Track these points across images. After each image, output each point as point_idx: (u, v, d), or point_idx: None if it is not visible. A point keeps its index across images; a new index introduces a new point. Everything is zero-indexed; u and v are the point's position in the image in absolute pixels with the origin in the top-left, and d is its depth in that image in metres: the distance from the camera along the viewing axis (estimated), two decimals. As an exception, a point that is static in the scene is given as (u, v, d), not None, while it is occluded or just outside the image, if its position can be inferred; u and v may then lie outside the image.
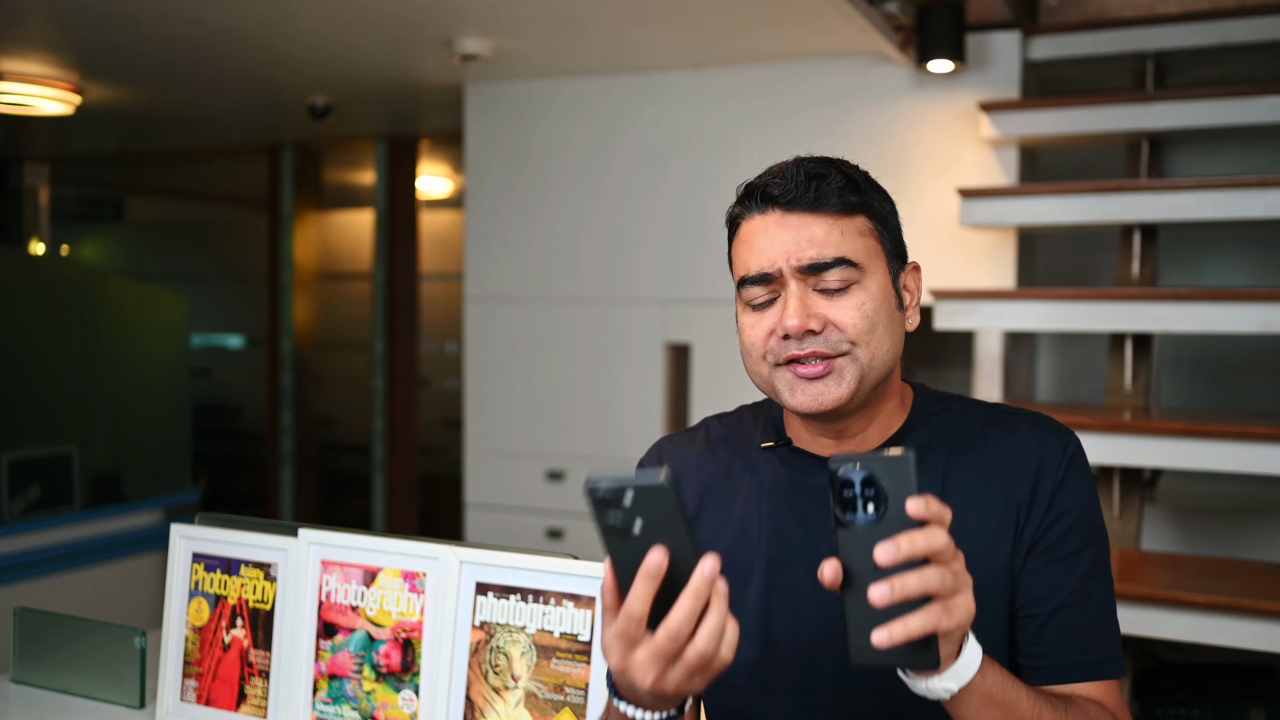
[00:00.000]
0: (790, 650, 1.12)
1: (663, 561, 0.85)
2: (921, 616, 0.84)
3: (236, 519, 1.64)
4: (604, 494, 0.86)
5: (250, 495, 5.95)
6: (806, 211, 1.08)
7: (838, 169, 1.11)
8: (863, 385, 1.08)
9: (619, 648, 0.88)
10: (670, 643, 0.86)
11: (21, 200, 6.20)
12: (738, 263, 1.13)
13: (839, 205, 1.08)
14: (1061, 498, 1.10)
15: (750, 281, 1.10)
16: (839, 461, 0.87)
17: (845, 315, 1.07)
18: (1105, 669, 1.08)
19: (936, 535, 0.85)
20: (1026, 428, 1.14)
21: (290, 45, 3.47)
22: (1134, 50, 3.33)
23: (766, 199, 1.10)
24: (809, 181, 1.08)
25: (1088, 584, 1.09)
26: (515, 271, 4.00)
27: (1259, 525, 3.34)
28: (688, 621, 0.85)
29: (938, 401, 1.19)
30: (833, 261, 1.07)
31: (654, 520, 0.86)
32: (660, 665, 0.87)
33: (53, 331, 3.69)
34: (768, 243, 1.09)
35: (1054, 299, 3.00)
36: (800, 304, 1.07)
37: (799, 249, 1.07)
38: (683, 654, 0.86)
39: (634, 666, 0.88)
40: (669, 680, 0.87)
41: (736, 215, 1.14)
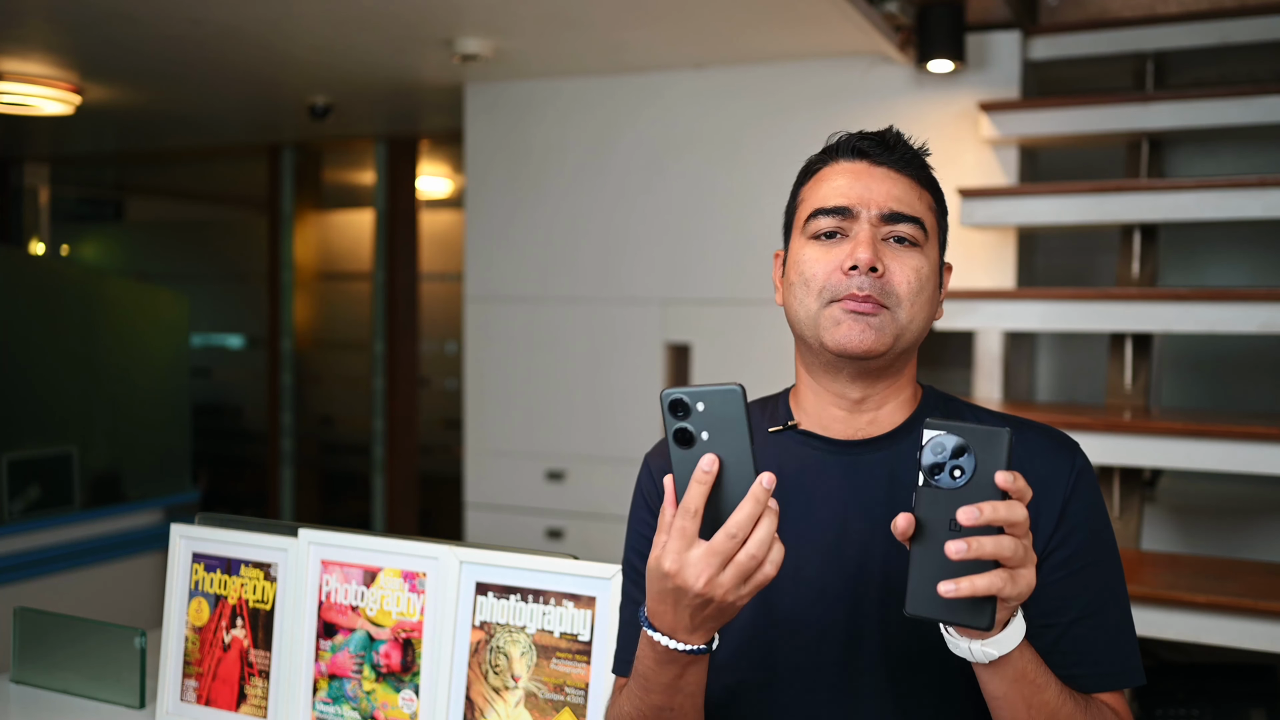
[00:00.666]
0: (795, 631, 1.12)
1: (715, 462, 0.92)
2: (989, 578, 0.89)
3: (236, 519, 1.65)
4: (678, 399, 0.93)
5: (250, 495, 5.95)
6: (892, 168, 1.15)
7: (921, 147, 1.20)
8: (896, 344, 1.12)
9: (675, 546, 0.92)
10: (727, 541, 0.91)
11: (21, 200, 6.20)
12: (811, 197, 1.17)
13: (921, 175, 1.17)
14: (1073, 511, 1.11)
15: (825, 213, 1.14)
16: (936, 425, 0.92)
17: (903, 271, 1.12)
18: (1121, 680, 1.10)
19: (1017, 508, 0.90)
20: (1036, 437, 1.16)
21: (290, 45, 3.47)
22: (1134, 50, 3.33)
23: (858, 151, 1.16)
24: (899, 142, 1.16)
25: (1103, 595, 1.11)
26: (515, 271, 4.00)
27: (1259, 525, 3.34)
28: (746, 523, 0.91)
29: (947, 400, 1.22)
30: (910, 216, 1.13)
31: (720, 427, 0.92)
32: (714, 565, 0.91)
33: (53, 331, 3.69)
34: (852, 184, 1.14)
35: (1054, 299, 3.00)
36: (872, 242, 1.11)
37: (883, 197, 1.13)
38: (735, 556, 0.91)
39: (687, 565, 0.92)
40: (719, 583, 0.91)
41: (818, 162, 1.20)
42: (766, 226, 3.48)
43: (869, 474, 1.14)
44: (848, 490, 1.14)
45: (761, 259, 3.53)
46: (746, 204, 3.62)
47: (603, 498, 3.80)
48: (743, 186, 3.64)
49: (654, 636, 0.98)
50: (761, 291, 3.56)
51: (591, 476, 3.84)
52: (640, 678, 1.03)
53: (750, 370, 3.59)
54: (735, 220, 3.66)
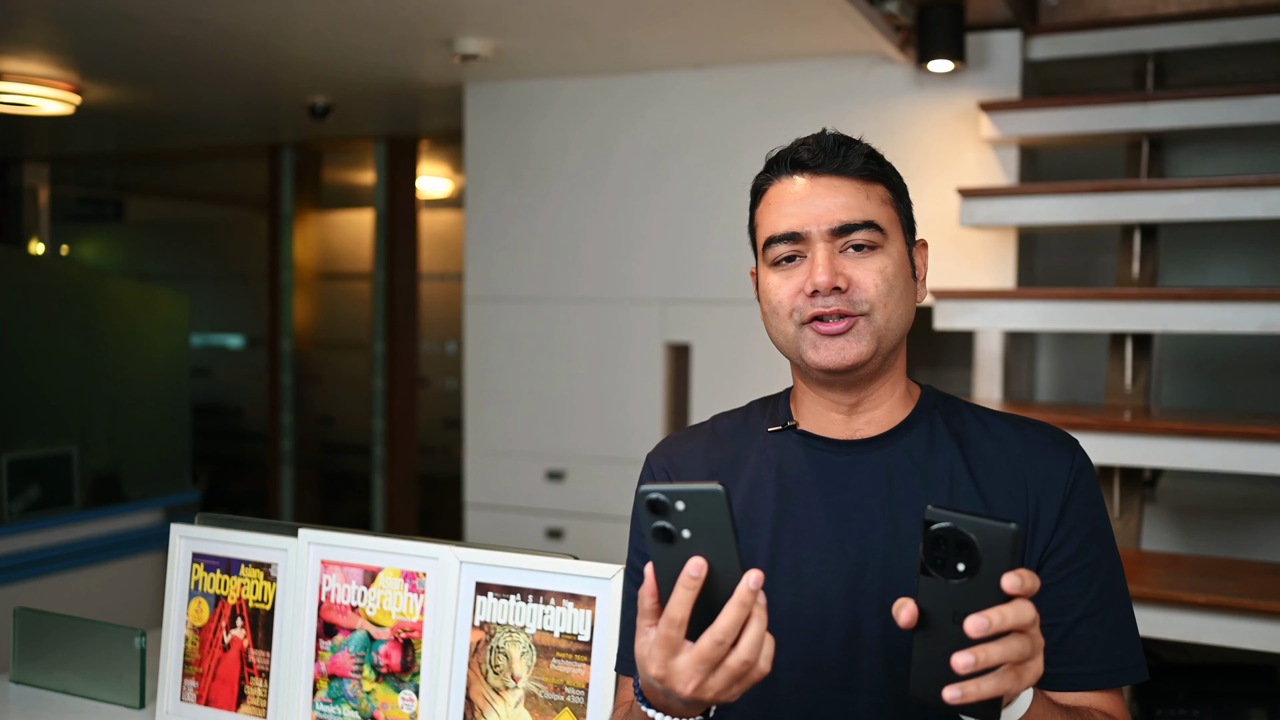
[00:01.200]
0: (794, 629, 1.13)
1: (703, 566, 0.88)
2: (995, 680, 0.86)
3: (236, 519, 1.65)
4: (656, 499, 0.89)
5: (250, 495, 5.96)
6: (834, 175, 1.13)
7: (862, 143, 1.17)
8: (880, 347, 1.12)
9: (660, 654, 0.90)
10: (714, 649, 0.88)
11: (21, 200, 6.20)
12: (764, 224, 1.17)
13: (864, 172, 1.14)
14: (1073, 510, 1.12)
15: (778, 240, 1.14)
16: (938, 514, 0.87)
17: (868, 277, 1.11)
18: (1118, 677, 1.10)
19: (1025, 610, 0.86)
20: (1035, 435, 1.16)
21: (290, 45, 3.47)
22: (1134, 50, 3.33)
23: (796, 164, 1.15)
24: (837, 147, 1.14)
25: (1106, 593, 1.12)
26: (515, 271, 4.00)
27: (1259, 525, 3.34)
28: (732, 628, 0.88)
29: (946, 399, 1.22)
30: (861, 223, 1.12)
31: (703, 527, 0.88)
32: (703, 672, 0.89)
33: (53, 331, 3.69)
34: (796, 205, 1.13)
35: (1054, 299, 3.00)
36: (829, 261, 1.10)
37: (829, 212, 1.12)
38: (725, 661, 0.89)
39: (675, 673, 0.90)
40: (709, 687, 0.89)
41: (763, 182, 1.19)
42: (766, 226, 3.47)
43: (868, 473, 1.15)
44: (847, 489, 1.15)
45: (761, 259, 3.53)
46: (746, 204, 3.61)
47: (603, 498, 3.80)
48: (743, 186, 3.61)
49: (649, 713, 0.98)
50: (761, 291, 3.56)
51: (591, 476, 3.84)
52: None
53: (750, 370, 3.59)
54: (735, 220, 3.64)
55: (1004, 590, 0.85)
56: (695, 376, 3.71)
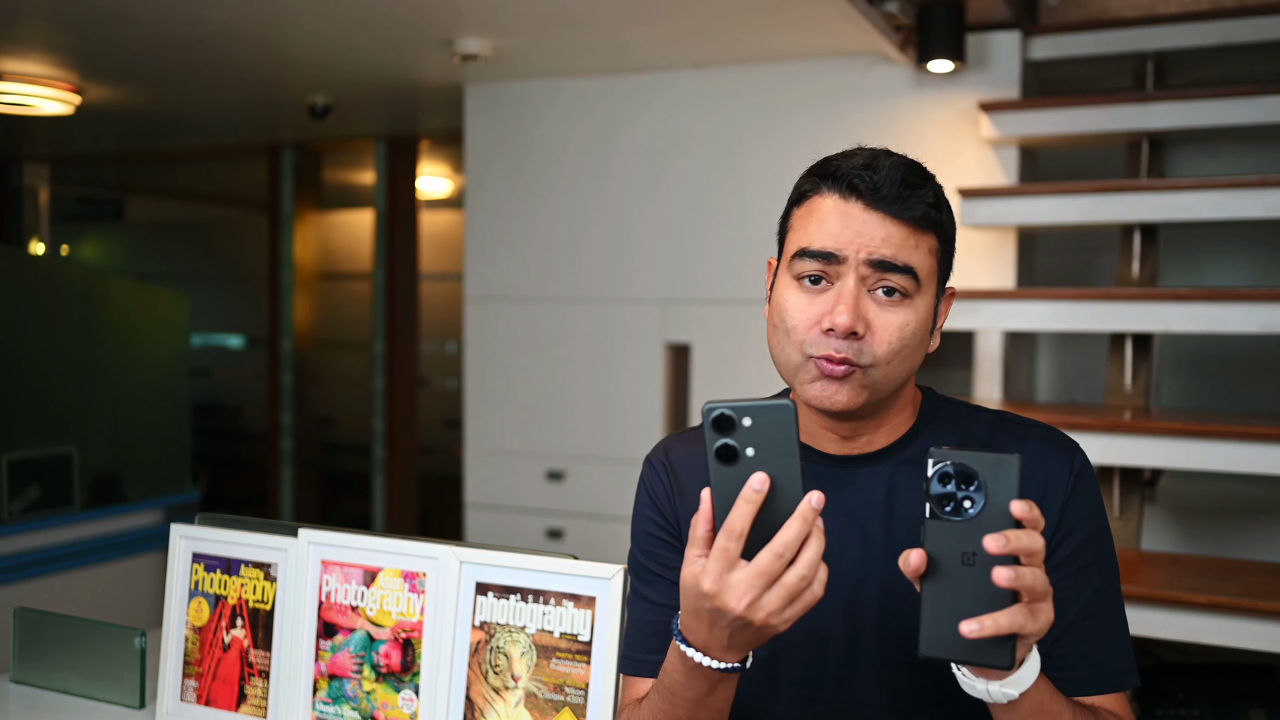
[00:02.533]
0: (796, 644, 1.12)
1: (766, 481, 0.87)
2: (1011, 614, 0.85)
3: (236, 519, 1.65)
4: (723, 414, 0.88)
5: (250, 495, 5.96)
6: (889, 215, 1.06)
7: (931, 183, 1.10)
8: (870, 398, 1.08)
9: (715, 568, 0.88)
10: (774, 561, 0.87)
11: (21, 200, 6.20)
12: (799, 232, 1.09)
13: (922, 219, 1.07)
14: (1072, 513, 1.10)
15: (810, 255, 1.07)
16: (942, 455, 0.88)
17: (885, 331, 1.06)
18: (1117, 681, 1.09)
19: (1036, 538, 0.86)
20: (1034, 438, 1.14)
21: (290, 45, 3.47)
22: (1134, 50, 3.33)
23: (853, 189, 1.06)
24: (904, 186, 1.06)
25: (1100, 597, 1.10)
26: (515, 271, 4.00)
27: (1259, 525, 3.33)
28: (794, 543, 0.87)
29: (946, 406, 1.20)
30: (902, 266, 1.05)
31: (767, 445, 0.88)
32: (759, 588, 0.87)
33: (53, 331, 3.69)
34: (842, 225, 1.06)
35: (1054, 299, 3.00)
36: (855, 302, 1.05)
37: (874, 243, 1.05)
38: (782, 577, 0.87)
39: (729, 587, 0.88)
40: (762, 605, 0.88)
41: (810, 189, 1.11)
42: (766, 226, 3.46)
43: (867, 487, 1.13)
44: (845, 504, 1.13)
45: (761, 259, 3.53)
46: (746, 204, 3.62)
47: (603, 498, 3.80)
48: (743, 186, 3.64)
49: (686, 652, 0.95)
50: (761, 292, 3.56)
51: (591, 476, 3.84)
52: (666, 690, 1.01)
53: (749, 370, 3.59)
54: (735, 220, 3.66)
55: (1014, 516, 0.85)
56: (695, 376, 3.71)
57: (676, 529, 1.20)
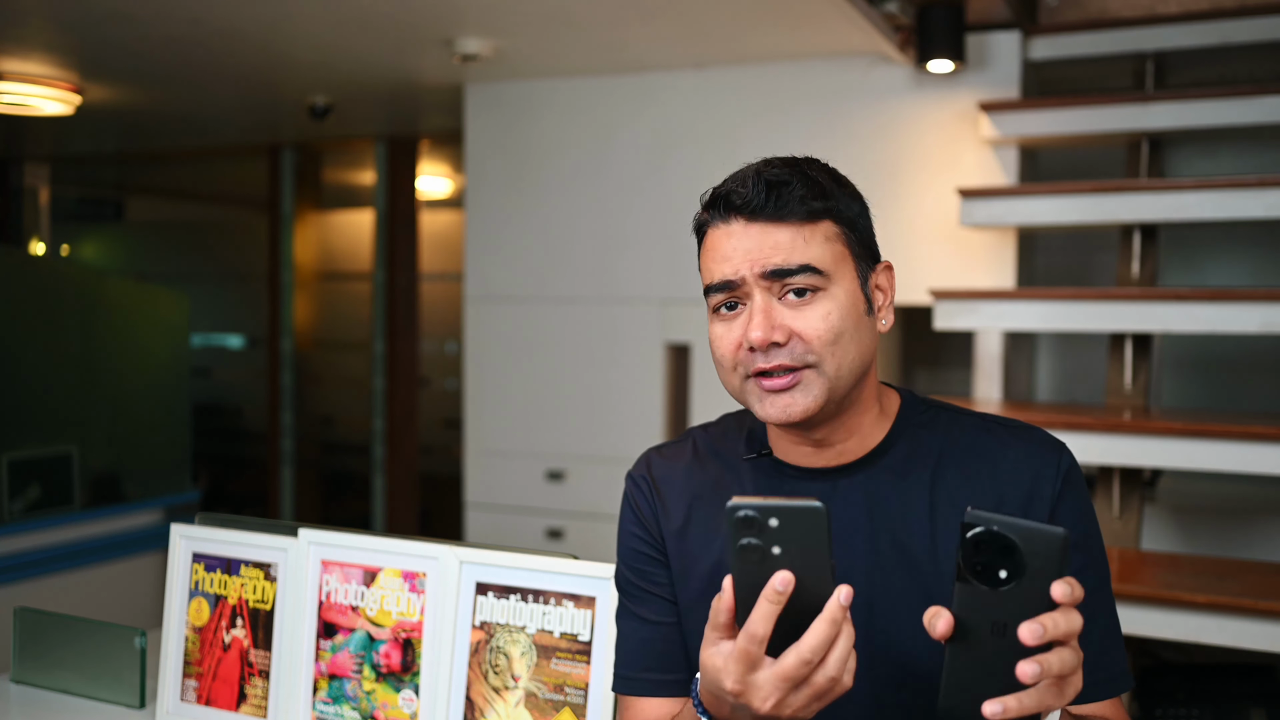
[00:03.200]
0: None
1: (790, 582, 0.84)
2: (1037, 695, 0.82)
3: (236, 519, 1.65)
4: (747, 516, 0.85)
5: (250, 495, 5.96)
6: (769, 221, 1.06)
7: (801, 173, 1.09)
8: (832, 395, 1.06)
9: (737, 669, 0.87)
10: (800, 667, 0.85)
11: (21, 200, 6.20)
12: (704, 272, 1.11)
13: (802, 213, 1.06)
14: (1060, 516, 1.08)
15: (715, 289, 1.09)
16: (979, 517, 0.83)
17: (810, 326, 1.05)
18: (1110, 687, 1.08)
19: (1075, 619, 0.83)
20: (1019, 440, 1.12)
21: (290, 45, 3.47)
22: (1134, 50, 3.33)
23: (729, 208, 1.08)
24: (770, 191, 1.06)
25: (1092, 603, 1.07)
26: (515, 271, 4.00)
27: (1259, 525, 3.34)
28: (821, 647, 0.85)
29: (925, 410, 1.16)
30: (797, 268, 1.05)
31: (796, 544, 0.85)
32: (784, 690, 0.86)
33: (53, 331, 3.69)
34: (731, 251, 1.07)
35: (1054, 299, 3.00)
36: (765, 316, 1.05)
37: (762, 255, 1.05)
38: (810, 678, 0.86)
39: (754, 689, 0.87)
40: (789, 704, 0.87)
41: (702, 223, 1.13)
42: (766, 226, 3.47)
43: (845, 499, 1.11)
44: None
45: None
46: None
47: (603, 498, 3.80)
48: (743, 186, 3.63)
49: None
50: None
51: (591, 476, 3.84)
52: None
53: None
54: (735, 220, 3.65)
55: (1054, 598, 0.81)
56: (695, 376, 3.71)
57: (663, 545, 1.18)
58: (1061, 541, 0.81)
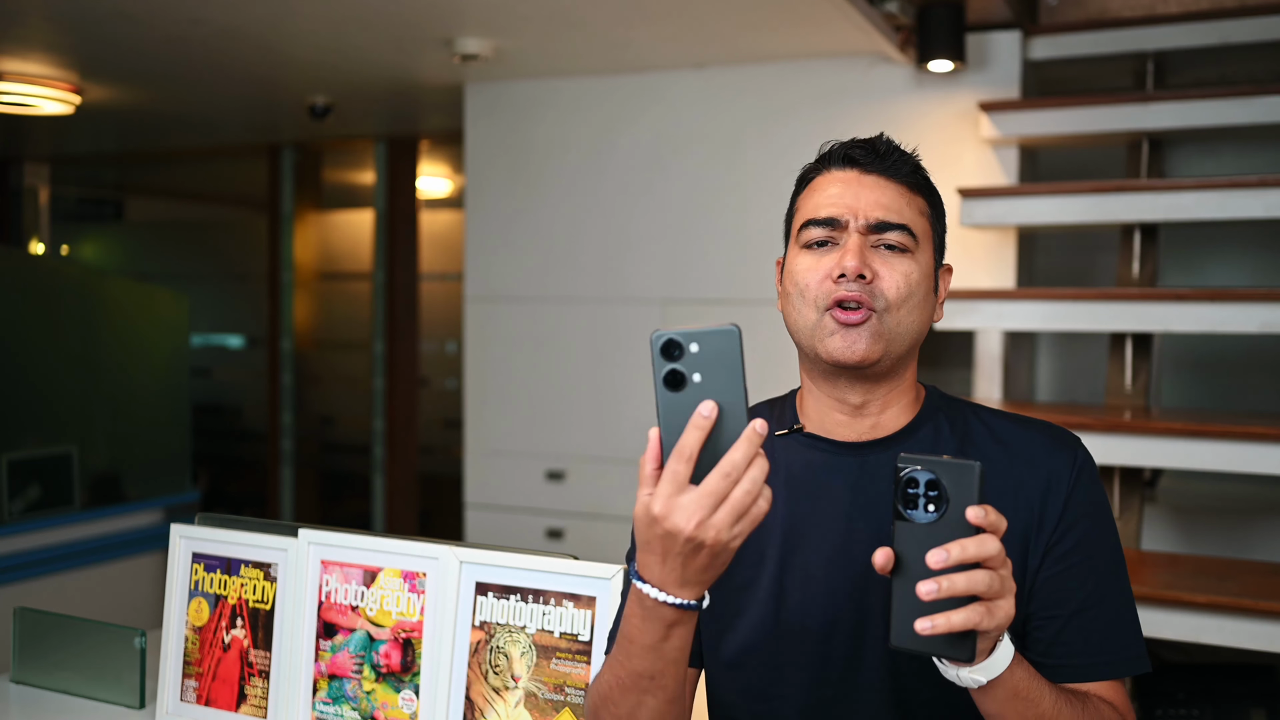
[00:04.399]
0: (802, 631, 1.14)
1: (715, 408, 0.89)
2: (965, 613, 0.90)
3: (236, 519, 1.65)
4: (671, 340, 0.90)
5: (250, 495, 5.95)
6: (882, 176, 1.16)
7: (916, 155, 1.21)
8: (889, 350, 1.13)
9: (665, 490, 0.90)
10: (721, 481, 0.89)
11: (21, 200, 6.20)
12: (804, 208, 1.19)
13: (910, 180, 1.18)
14: (1074, 505, 1.13)
15: (816, 223, 1.15)
16: (908, 460, 0.93)
17: (892, 276, 1.13)
18: (1123, 667, 1.11)
19: (989, 542, 0.91)
20: (1037, 434, 1.17)
21: (290, 45, 3.47)
22: (1134, 50, 3.33)
23: (848, 159, 1.18)
24: (890, 150, 1.18)
25: (1103, 586, 1.12)
26: (515, 271, 4.00)
27: (1259, 525, 3.34)
28: (741, 464, 0.89)
29: (950, 402, 1.23)
30: (897, 224, 1.14)
31: (714, 370, 0.90)
32: (707, 506, 0.89)
33: (53, 331, 3.69)
34: (841, 194, 1.16)
35: (1054, 299, 3.00)
36: (860, 250, 1.12)
37: (870, 207, 1.14)
38: (730, 495, 0.89)
39: (679, 509, 0.90)
40: (711, 524, 0.90)
41: (811, 171, 1.22)
42: (766, 226, 3.47)
43: (874, 475, 1.16)
44: (853, 491, 1.16)
45: (761, 259, 3.53)
46: (746, 204, 3.62)
47: (603, 498, 3.80)
48: (743, 186, 3.64)
49: (642, 589, 0.95)
50: (761, 291, 3.56)
51: (591, 476, 3.84)
52: (624, 640, 1.01)
53: (750, 370, 3.58)
54: (735, 220, 3.66)
55: (969, 522, 0.90)
56: (695, 376, 3.70)
57: None
58: (978, 473, 0.91)
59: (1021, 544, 1.12)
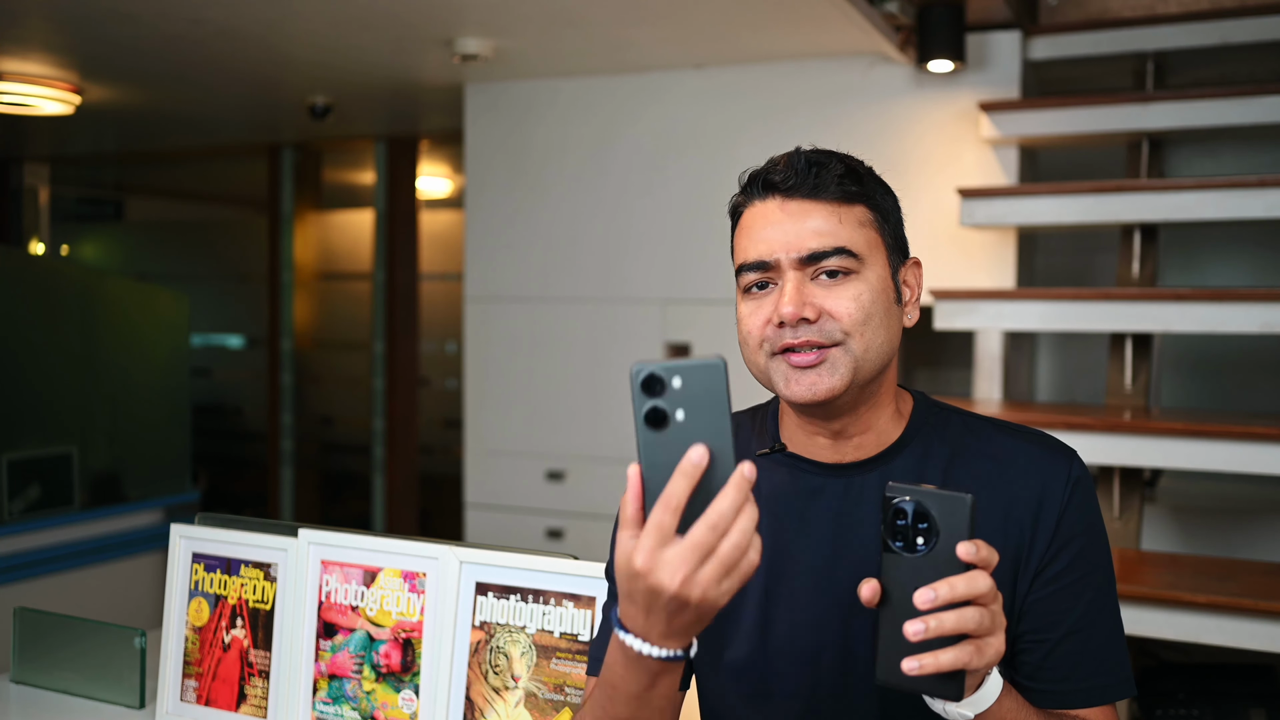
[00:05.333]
0: (789, 656, 1.11)
1: (705, 455, 0.82)
2: (954, 653, 0.87)
3: (236, 519, 1.65)
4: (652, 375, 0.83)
5: (250, 495, 5.95)
6: (806, 198, 1.08)
7: (839, 159, 1.11)
8: (856, 377, 1.07)
9: (649, 543, 0.83)
10: (708, 533, 0.82)
11: (21, 200, 6.20)
12: (738, 250, 1.12)
13: (839, 193, 1.08)
14: (1067, 524, 1.09)
15: (748, 268, 1.09)
16: (897, 490, 0.89)
17: (840, 305, 1.06)
18: (1110, 692, 1.08)
19: (979, 580, 0.87)
20: (1030, 446, 1.12)
21: (290, 45, 3.47)
22: (1134, 50, 3.33)
23: (768, 186, 1.09)
24: (809, 168, 1.08)
25: (1094, 609, 1.09)
26: (515, 271, 4.00)
27: (1259, 525, 3.34)
28: (730, 513, 0.82)
29: (938, 412, 1.17)
30: (831, 250, 1.06)
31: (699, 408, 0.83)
32: (693, 562, 0.82)
33: (53, 331, 3.69)
34: (767, 230, 1.08)
35: (1054, 299, 3.00)
36: (796, 292, 1.06)
37: (799, 239, 1.07)
38: (717, 548, 0.82)
39: (663, 564, 0.83)
40: (697, 581, 0.83)
41: (739, 204, 1.14)
42: (766, 226, 3.47)
43: (860, 495, 1.11)
44: (840, 512, 1.12)
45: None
46: (746, 204, 3.62)
47: (603, 498, 3.80)
48: (743, 186, 3.63)
49: (625, 639, 0.89)
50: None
51: (591, 476, 3.84)
52: (607, 685, 0.96)
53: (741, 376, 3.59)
54: (735, 220, 3.65)
55: (960, 559, 0.86)
56: (695, 376, 3.70)
57: None
58: (969, 506, 0.87)
59: (1012, 563, 1.08)
